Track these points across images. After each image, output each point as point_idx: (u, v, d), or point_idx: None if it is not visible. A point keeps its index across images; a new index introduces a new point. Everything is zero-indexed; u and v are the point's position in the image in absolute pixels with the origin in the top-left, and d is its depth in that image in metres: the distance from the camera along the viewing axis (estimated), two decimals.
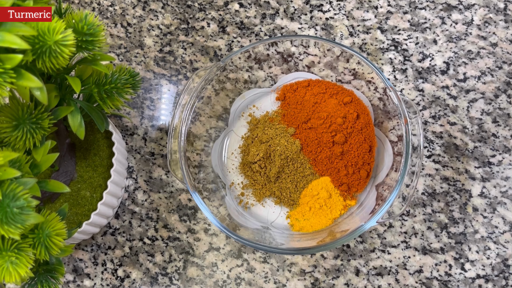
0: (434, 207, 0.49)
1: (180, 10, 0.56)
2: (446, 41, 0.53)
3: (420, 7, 0.54)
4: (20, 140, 0.33)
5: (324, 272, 0.48)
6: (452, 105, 0.51)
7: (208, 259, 0.49)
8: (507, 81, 0.51)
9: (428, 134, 0.51)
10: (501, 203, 0.48)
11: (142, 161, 0.52)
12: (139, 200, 0.51)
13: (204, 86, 0.47)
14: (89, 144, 0.48)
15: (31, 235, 0.33)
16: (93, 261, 0.50)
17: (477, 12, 0.53)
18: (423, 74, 0.52)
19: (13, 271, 0.30)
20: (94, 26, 0.34)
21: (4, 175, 0.29)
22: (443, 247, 0.48)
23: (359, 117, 0.48)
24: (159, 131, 0.53)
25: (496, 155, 0.49)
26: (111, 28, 0.56)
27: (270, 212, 0.49)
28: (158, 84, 0.54)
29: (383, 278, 0.48)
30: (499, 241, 0.48)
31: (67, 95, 0.38)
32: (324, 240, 0.43)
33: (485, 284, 0.47)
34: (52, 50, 0.29)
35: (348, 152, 0.47)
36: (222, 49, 0.55)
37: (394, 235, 0.49)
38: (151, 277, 0.49)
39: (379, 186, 0.46)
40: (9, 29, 0.27)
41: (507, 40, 0.52)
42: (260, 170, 0.48)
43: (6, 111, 0.33)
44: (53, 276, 0.38)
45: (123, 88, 0.40)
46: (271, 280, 0.48)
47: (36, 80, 0.29)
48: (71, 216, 0.46)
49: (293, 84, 0.51)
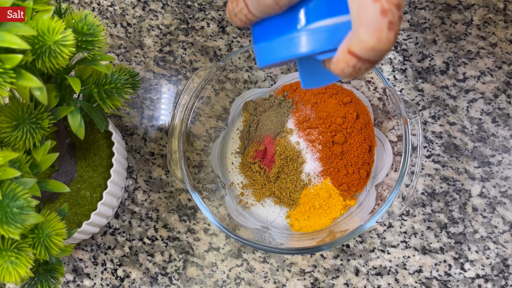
0: (434, 207, 0.49)
1: (180, 10, 0.56)
2: (445, 41, 0.53)
3: (419, 7, 0.54)
4: (20, 140, 0.33)
5: (324, 272, 0.48)
6: (452, 105, 0.51)
7: (208, 259, 0.49)
8: (507, 81, 0.51)
9: (428, 134, 0.51)
10: (501, 203, 0.48)
11: (142, 161, 0.52)
12: (139, 200, 0.51)
13: (204, 86, 0.47)
14: (89, 144, 0.48)
15: (31, 235, 0.33)
16: (93, 261, 0.50)
17: (477, 12, 0.53)
18: (422, 74, 0.52)
19: (13, 271, 0.30)
20: (94, 26, 0.34)
21: (4, 175, 0.29)
22: (443, 247, 0.48)
23: (358, 117, 0.48)
24: (159, 131, 0.53)
25: (495, 155, 0.50)
26: (111, 28, 0.56)
27: (269, 212, 0.49)
28: (158, 84, 0.54)
29: (383, 278, 0.48)
30: (499, 241, 0.48)
31: (67, 95, 0.38)
32: (323, 240, 0.43)
33: (484, 284, 0.47)
34: (52, 50, 0.29)
35: (348, 152, 0.47)
36: (222, 49, 0.55)
37: (393, 235, 0.49)
38: (151, 277, 0.50)
39: (379, 186, 0.47)
40: (9, 29, 0.27)
41: (506, 40, 0.52)
42: (259, 170, 0.49)
43: (6, 111, 0.33)
44: (53, 276, 0.38)
45: (123, 88, 0.40)
46: (270, 280, 0.49)
47: (36, 80, 0.29)
48: (71, 216, 0.46)
49: (293, 84, 0.51)
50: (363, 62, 0.24)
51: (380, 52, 0.24)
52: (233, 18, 0.28)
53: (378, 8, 0.22)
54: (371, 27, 0.23)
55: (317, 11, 0.25)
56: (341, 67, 0.25)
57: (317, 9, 0.25)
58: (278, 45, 0.27)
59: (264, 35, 0.28)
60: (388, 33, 0.23)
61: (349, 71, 0.25)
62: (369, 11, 0.23)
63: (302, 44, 0.26)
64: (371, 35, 0.23)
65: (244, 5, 0.26)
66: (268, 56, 0.28)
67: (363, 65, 0.24)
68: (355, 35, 0.24)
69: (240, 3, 0.26)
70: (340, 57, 0.25)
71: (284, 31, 0.26)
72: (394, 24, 0.23)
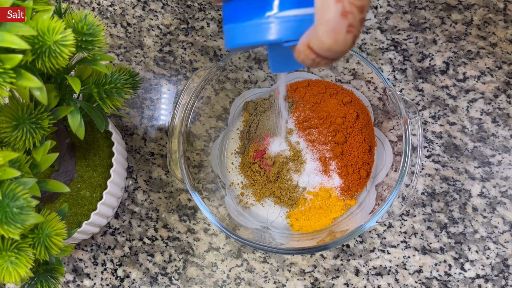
0: (434, 207, 0.49)
1: (180, 10, 0.56)
2: (445, 41, 0.53)
3: (419, 7, 0.54)
4: (20, 140, 0.33)
5: (324, 272, 0.48)
6: (452, 105, 0.51)
7: (208, 259, 0.49)
8: (507, 81, 0.51)
9: (428, 134, 0.51)
10: (501, 203, 0.48)
11: (142, 161, 0.52)
12: (138, 200, 0.51)
13: (203, 86, 0.47)
14: (89, 144, 0.48)
15: (31, 235, 0.33)
16: (93, 261, 0.50)
17: (477, 12, 0.53)
18: (422, 74, 0.52)
19: (13, 271, 0.30)
20: (94, 26, 0.34)
21: (4, 175, 0.29)
22: (443, 247, 0.48)
23: (358, 117, 0.48)
24: (159, 131, 0.53)
25: (495, 155, 0.50)
26: (111, 28, 0.56)
27: (269, 212, 0.49)
28: (158, 84, 0.54)
29: (383, 278, 0.48)
30: (499, 241, 0.48)
31: (67, 95, 0.38)
32: (323, 240, 0.43)
33: (484, 284, 0.47)
34: (52, 50, 0.29)
35: (348, 152, 0.47)
36: (222, 49, 0.55)
37: (393, 235, 0.49)
38: (151, 277, 0.50)
39: (379, 186, 0.47)
40: (9, 29, 0.27)
41: (506, 40, 0.52)
42: (259, 170, 0.49)
43: (6, 111, 0.33)
44: (53, 276, 0.38)
45: (123, 88, 0.40)
46: (270, 280, 0.49)
47: (36, 80, 0.29)
48: (71, 216, 0.46)
49: (293, 84, 0.51)
50: (321, 58, 0.24)
51: (336, 53, 0.24)
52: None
53: (339, 9, 0.22)
54: (330, 27, 0.23)
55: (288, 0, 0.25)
56: (301, 58, 0.25)
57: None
58: (247, 29, 0.27)
59: (234, 16, 0.28)
60: (346, 35, 0.23)
61: (309, 63, 0.25)
62: (330, 11, 0.22)
63: (271, 31, 0.26)
64: (329, 35, 0.23)
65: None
66: (236, 39, 0.28)
67: (322, 61, 0.25)
68: (315, 32, 0.24)
69: None
70: (301, 48, 0.25)
71: (254, 15, 0.26)
72: (354, 27, 0.23)
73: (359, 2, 0.22)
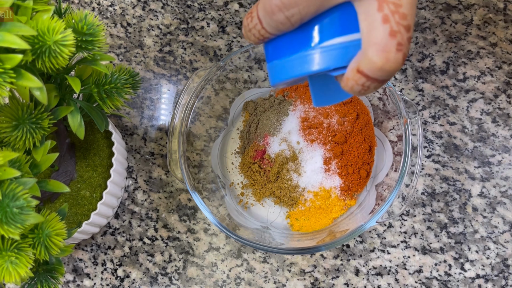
0: (434, 207, 0.49)
1: (180, 10, 0.56)
2: (445, 41, 0.53)
3: (419, 7, 0.54)
4: (20, 140, 0.33)
5: (324, 272, 0.48)
6: (452, 105, 0.51)
7: (208, 259, 0.49)
8: (507, 81, 0.51)
9: (428, 134, 0.51)
10: (501, 203, 0.48)
11: (142, 161, 0.52)
12: (138, 200, 0.51)
13: (203, 86, 0.47)
14: (89, 144, 0.48)
15: (31, 235, 0.33)
16: (93, 261, 0.50)
17: (477, 12, 0.53)
18: (422, 74, 0.52)
19: (13, 271, 0.30)
20: (94, 26, 0.34)
21: (4, 175, 0.29)
22: (443, 247, 0.48)
23: (358, 117, 0.48)
24: (159, 131, 0.53)
25: (495, 155, 0.50)
26: (111, 28, 0.56)
27: (269, 212, 0.49)
28: (158, 84, 0.54)
29: (383, 278, 0.48)
30: (499, 241, 0.48)
31: (67, 95, 0.38)
32: (323, 240, 0.43)
33: (484, 284, 0.47)
34: (52, 50, 0.29)
35: (348, 152, 0.47)
36: (222, 49, 0.55)
37: (393, 235, 0.49)
38: (151, 277, 0.50)
39: (379, 186, 0.47)
40: (9, 29, 0.27)
41: (506, 40, 0.52)
42: (259, 170, 0.48)
43: (6, 111, 0.33)
44: (53, 276, 0.38)
45: (123, 88, 0.40)
46: (270, 280, 0.49)
47: (36, 80, 0.29)
48: (71, 216, 0.46)
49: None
50: (372, 81, 0.25)
51: (388, 72, 0.24)
52: (248, 34, 0.28)
53: (387, 30, 0.23)
54: (380, 48, 0.23)
55: (331, 29, 0.26)
56: (351, 85, 0.26)
57: (331, 27, 0.26)
58: (292, 62, 0.27)
59: (277, 53, 0.28)
60: (397, 54, 0.23)
61: (358, 89, 0.26)
62: (379, 32, 0.23)
63: (316, 61, 0.26)
64: (380, 56, 0.23)
65: (258, 21, 0.27)
66: (282, 74, 0.28)
67: (372, 84, 0.25)
68: (365, 55, 0.24)
69: (254, 19, 0.27)
70: (349, 75, 0.25)
71: (297, 48, 0.27)
72: (402, 45, 0.23)
73: (405, 22, 0.23)
